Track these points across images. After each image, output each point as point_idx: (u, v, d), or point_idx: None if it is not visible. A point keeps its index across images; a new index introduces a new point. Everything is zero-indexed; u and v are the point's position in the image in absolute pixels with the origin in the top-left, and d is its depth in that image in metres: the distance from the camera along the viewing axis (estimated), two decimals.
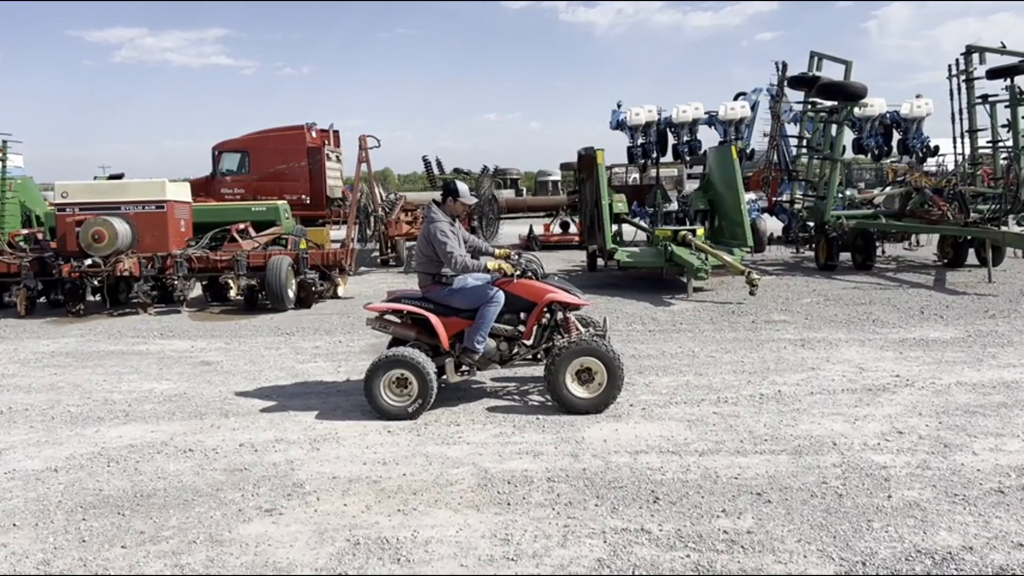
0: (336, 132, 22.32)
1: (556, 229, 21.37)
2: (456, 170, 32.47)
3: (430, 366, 5.90)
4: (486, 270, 6.12)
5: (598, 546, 3.81)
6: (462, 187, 6.48)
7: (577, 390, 5.92)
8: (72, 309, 11.18)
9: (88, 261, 11.03)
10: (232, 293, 11.99)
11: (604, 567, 3.60)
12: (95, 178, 23.04)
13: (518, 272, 6.17)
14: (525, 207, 24.08)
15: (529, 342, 6.30)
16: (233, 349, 8.67)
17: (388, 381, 5.89)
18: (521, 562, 3.67)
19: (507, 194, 25.45)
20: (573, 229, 20.97)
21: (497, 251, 6.63)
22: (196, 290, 12.43)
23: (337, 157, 22.06)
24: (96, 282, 11.34)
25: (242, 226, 12.77)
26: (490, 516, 4.18)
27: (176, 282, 11.35)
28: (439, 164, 32.75)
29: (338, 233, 17.16)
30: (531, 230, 20.71)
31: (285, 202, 15.54)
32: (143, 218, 11.55)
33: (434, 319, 6.04)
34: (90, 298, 11.83)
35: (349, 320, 10.26)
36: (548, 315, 6.28)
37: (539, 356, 6.30)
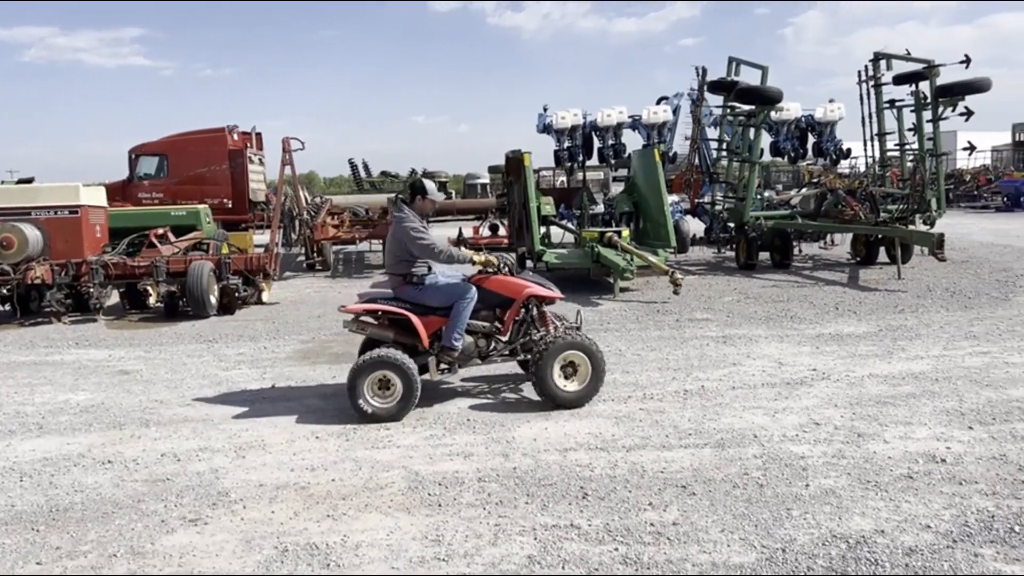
0: (259, 134, 21.83)
1: (485, 232, 21.36)
2: (384, 173, 32.17)
3: (414, 366, 5.87)
4: (472, 262, 6.20)
5: (528, 543, 3.85)
6: (429, 185, 6.51)
7: (564, 384, 6.02)
8: None
9: None
10: (152, 300, 11.63)
11: (534, 564, 3.65)
12: (2, 182, 21.97)
13: (503, 267, 6.27)
14: (454, 210, 24.01)
15: (505, 338, 6.35)
16: (153, 357, 8.42)
17: (371, 383, 5.82)
18: (452, 562, 3.69)
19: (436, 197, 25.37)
20: (502, 232, 21.05)
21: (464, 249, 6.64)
22: (113, 298, 11.99)
23: (260, 160, 21.59)
24: (5, 291, 10.84)
25: (161, 231, 12.40)
26: (421, 518, 4.17)
27: (92, 290, 10.94)
28: (366, 167, 32.41)
29: (262, 237, 16.81)
30: (460, 233, 20.69)
31: (206, 206, 15.15)
32: (55, 224, 11.10)
33: (415, 319, 6.00)
34: None
35: (274, 326, 10.07)
36: (523, 310, 6.34)
37: (516, 351, 6.35)
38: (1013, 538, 3.75)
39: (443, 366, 6.17)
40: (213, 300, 11.03)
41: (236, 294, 11.28)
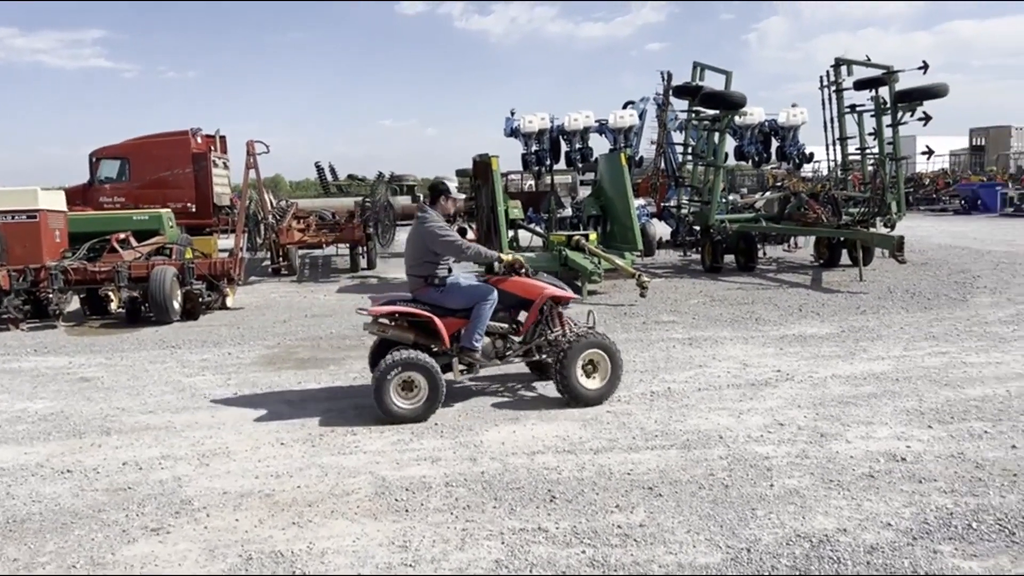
0: (223, 138, 21.62)
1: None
2: (351, 176, 31.96)
3: (438, 367, 5.91)
4: (499, 260, 6.31)
5: (496, 547, 3.84)
6: (451, 185, 6.59)
7: (585, 382, 6.13)
8: None
9: None
10: (113, 306, 11.43)
11: (502, 567, 3.64)
12: None
13: (528, 267, 6.43)
14: None
15: (520, 338, 6.43)
16: (115, 364, 8.27)
17: (396, 385, 5.83)
18: (419, 567, 3.67)
19: (404, 201, 25.25)
20: (470, 235, 21.02)
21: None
22: (73, 304, 11.77)
23: (224, 164, 21.37)
24: None
25: (123, 236, 12.19)
26: (388, 524, 4.15)
27: (51, 295, 10.73)
28: (332, 170, 32.17)
29: (227, 242, 16.62)
30: None
31: (169, 210, 14.93)
32: (13, 228, 10.88)
33: (438, 321, 6.05)
34: None
35: (239, 331, 9.96)
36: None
37: (531, 351, 6.46)
38: (971, 535, 3.83)
39: (461, 367, 6.22)
40: (176, 305, 10.87)
41: (200, 299, 11.13)
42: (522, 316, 6.53)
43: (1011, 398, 6.04)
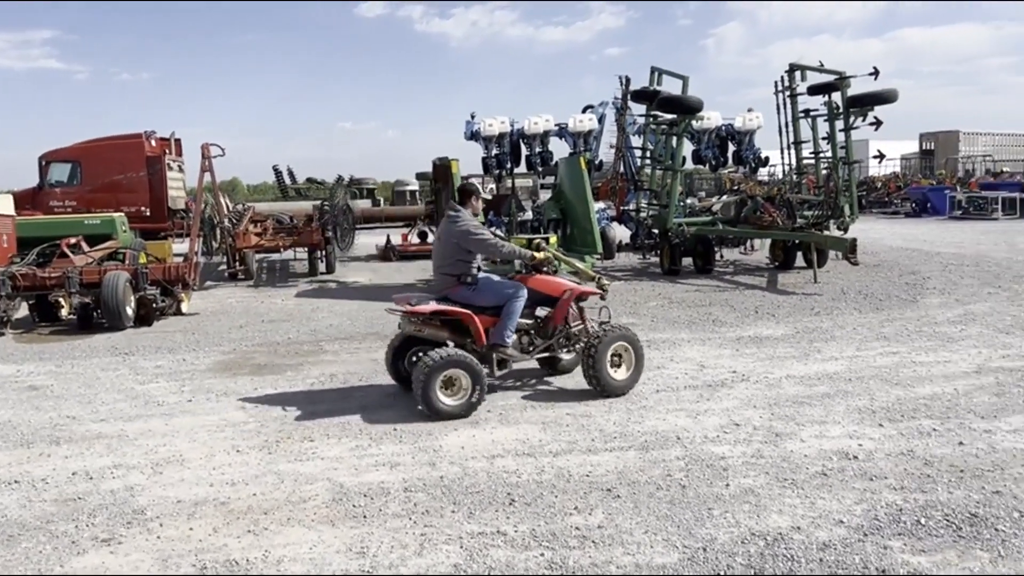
0: (178, 140, 21.27)
1: (414, 239, 21.26)
2: (309, 179, 31.67)
3: (480, 364, 6.02)
4: (532, 258, 6.51)
5: (455, 552, 3.83)
6: (479, 186, 6.63)
7: (614, 373, 6.38)
8: None
9: None
10: (64, 312, 11.17)
11: (460, 572, 3.63)
12: None
13: (554, 266, 6.70)
14: (383, 217, 23.83)
15: (544, 333, 6.62)
16: (65, 372, 8.08)
17: (440, 382, 5.89)
18: (377, 573, 3.64)
19: (363, 204, 25.11)
20: (431, 239, 20.96)
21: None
22: (22, 310, 11.47)
23: (179, 167, 21.03)
24: None
25: (74, 240, 11.92)
26: (345, 530, 4.12)
27: None
28: (291, 173, 31.84)
29: (182, 246, 16.34)
30: (388, 240, 20.54)
31: (122, 215, 14.64)
32: None
33: (476, 319, 6.19)
34: None
35: (194, 337, 9.80)
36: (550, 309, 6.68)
37: (553, 347, 6.66)
38: (919, 530, 3.92)
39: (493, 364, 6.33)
40: (129, 311, 10.65)
41: (154, 305, 10.93)
42: (539, 311, 6.73)
43: (958, 396, 6.20)
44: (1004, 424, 5.49)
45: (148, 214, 19.44)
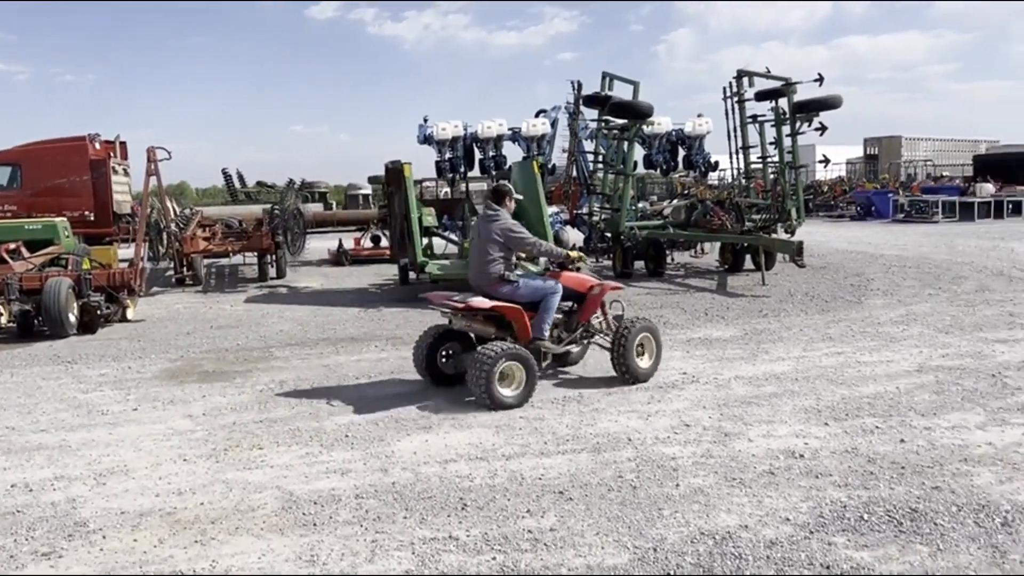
0: (123, 143, 20.80)
1: (367, 243, 21.10)
2: (260, 183, 31.18)
3: (533, 357, 6.38)
4: (567, 257, 6.93)
5: (406, 558, 3.81)
6: (511, 186, 7.28)
7: (639, 361, 6.90)
8: None
9: None
10: (3, 320, 10.80)
11: None
12: None
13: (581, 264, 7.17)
14: (335, 221, 23.60)
15: (570, 326, 7.05)
16: (4, 381, 7.83)
17: (498, 375, 6.16)
18: None
19: (315, 208, 24.82)
20: (384, 243, 20.82)
21: None
22: None
23: (125, 170, 20.56)
24: None
25: (13, 246, 11.58)
26: (295, 539, 4.06)
27: None
28: (241, 177, 31.31)
29: (128, 252, 15.96)
30: (340, 244, 20.34)
31: (65, 219, 14.24)
32: None
33: (524, 314, 6.57)
34: None
35: (140, 344, 9.58)
36: (573, 303, 7.08)
37: (576, 339, 7.15)
38: (862, 526, 4.02)
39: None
40: (72, 319, 10.38)
41: (98, 312, 10.66)
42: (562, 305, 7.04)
43: (900, 395, 6.37)
44: (943, 421, 5.66)
45: (92, 219, 18.96)
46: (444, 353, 6.96)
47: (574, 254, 7.05)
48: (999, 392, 6.34)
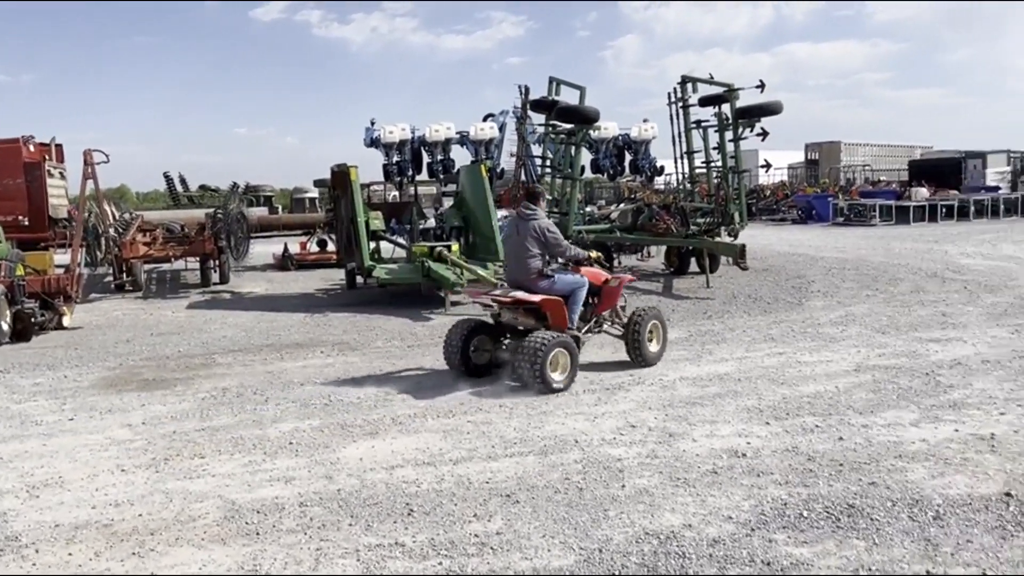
0: (59, 146, 20.25)
1: (313, 247, 20.83)
2: (202, 187, 30.60)
3: (575, 346, 6.95)
4: (588, 258, 7.49)
5: (351, 565, 3.78)
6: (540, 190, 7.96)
7: (650, 346, 7.65)
8: None
9: None
10: None
11: None
12: None
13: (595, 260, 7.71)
14: (280, 225, 23.24)
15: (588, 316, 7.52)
16: None
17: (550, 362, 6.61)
18: None
19: (260, 212, 24.43)
20: (331, 247, 20.59)
21: None
22: None
23: (61, 174, 19.99)
24: None
25: None
26: (237, 548, 3.99)
27: None
28: (183, 180, 30.69)
29: (64, 257, 15.50)
30: (286, 248, 20.05)
31: None
32: None
33: (565, 307, 7.06)
34: None
35: (76, 352, 9.30)
36: (594, 296, 7.51)
37: (591, 328, 7.60)
38: (802, 523, 4.11)
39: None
40: (5, 326, 10.04)
41: (32, 319, 10.33)
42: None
43: (839, 394, 6.54)
44: (879, 419, 5.82)
45: (27, 223, 18.41)
46: (472, 347, 7.36)
47: (594, 254, 7.70)
48: (932, 390, 6.55)
